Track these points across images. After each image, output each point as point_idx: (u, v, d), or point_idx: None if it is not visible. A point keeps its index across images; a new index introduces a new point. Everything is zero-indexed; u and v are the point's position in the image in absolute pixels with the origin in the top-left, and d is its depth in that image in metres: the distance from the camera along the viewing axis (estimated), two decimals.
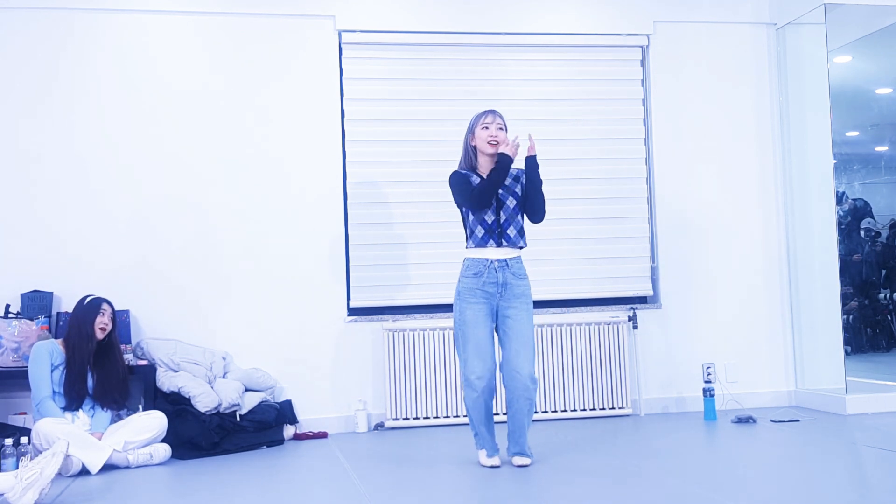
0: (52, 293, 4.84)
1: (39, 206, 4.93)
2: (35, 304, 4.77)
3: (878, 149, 7.11)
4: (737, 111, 5.71)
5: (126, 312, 4.89)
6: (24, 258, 4.88)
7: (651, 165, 5.62)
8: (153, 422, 4.35)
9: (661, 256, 5.58)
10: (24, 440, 4.03)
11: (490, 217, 3.87)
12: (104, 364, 4.40)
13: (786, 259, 5.69)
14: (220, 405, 4.56)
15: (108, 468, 4.12)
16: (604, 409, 5.31)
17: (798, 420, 4.98)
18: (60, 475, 3.88)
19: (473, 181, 3.90)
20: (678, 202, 5.60)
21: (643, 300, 5.61)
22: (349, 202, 5.29)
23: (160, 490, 3.72)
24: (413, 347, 5.18)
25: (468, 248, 3.93)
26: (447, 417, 5.16)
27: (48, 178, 4.95)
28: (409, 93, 5.37)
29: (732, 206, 5.66)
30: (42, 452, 3.65)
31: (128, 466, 4.19)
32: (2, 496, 3.39)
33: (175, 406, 4.56)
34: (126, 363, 4.57)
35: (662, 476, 3.60)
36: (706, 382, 5.27)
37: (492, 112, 3.95)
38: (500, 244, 3.86)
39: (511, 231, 3.89)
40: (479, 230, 3.88)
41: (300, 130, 5.24)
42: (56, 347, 4.35)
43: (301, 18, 5.27)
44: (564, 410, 5.27)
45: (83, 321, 4.35)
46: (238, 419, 4.60)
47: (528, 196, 3.94)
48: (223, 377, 4.86)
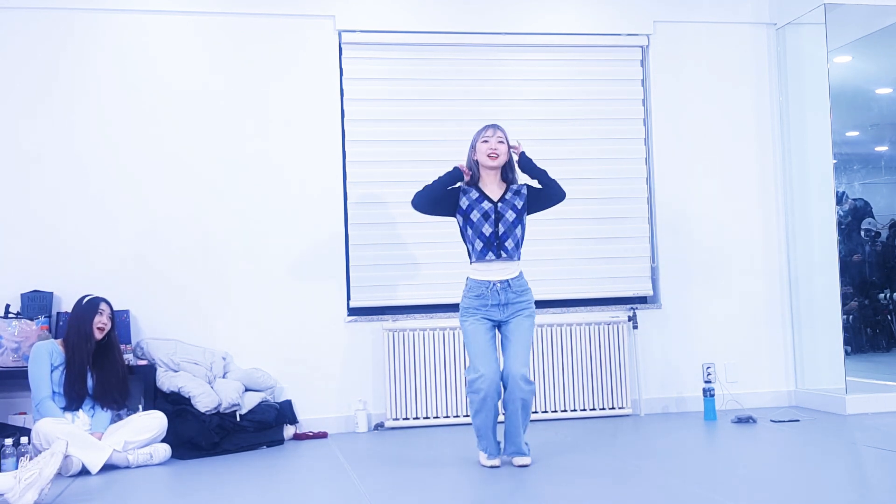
0: (52, 293, 4.84)
1: (39, 206, 4.93)
2: (35, 304, 4.77)
3: (878, 149, 7.11)
4: (737, 111, 5.71)
5: (126, 312, 4.89)
6: (24, 258, 4.88)
7: (651, 165, 5.62)
8: (153, 422, 4.35)
9: (661, 256, 5.58)
10: (24, 440, 4.03)
11: (488, 229, 3.89)
12: (104, 364, 4.40)
13: (786, 259, 5.69)
14: (220, 405, 4.56)
15: (108, 468, 4.12)
16: (604, 409, 5.31)
17: (798, 420, 4.98)
18: (60, 475, 3.89)
19: (467, 197, 3.96)
20: (678, 202, 5.60)
21: (643, 300, 5.61)
22: (349, 202, 5.29)
23: (160, 490, 3.72)
24: (413, 347, 5.18)
25: (471, 266, 3.97)
26: (447, 417, 5.16)
27: (48, 178, 4.95)
28: (409, 93, 5.37)
29: (732, 206, 5.66)
30: (42, 452, 3.65)
31: (128, 466, 4.19)
32: (1, 496, 3.39)
33: (175, 406, 4.56)
34: (126, 363, 4.58)
35: (662, 476, 3.60)
36: (706, 382, 5.27)
37: (492, 126, 3.99)
38: (499, 255, 3.88)
39: (509, 243, 3.91)
40: (479, 243, 3.91)
41: (300, 130, 5.24)
42: (56, 347, 4.35)
43: (301, 18, 5.27)
44: (564, 410, 5.27)
45: (82, 321, 4.36)
46: (238, 419, 4.60)
47: (539, 192, 4.05)
48: (223, 377, 4.86)
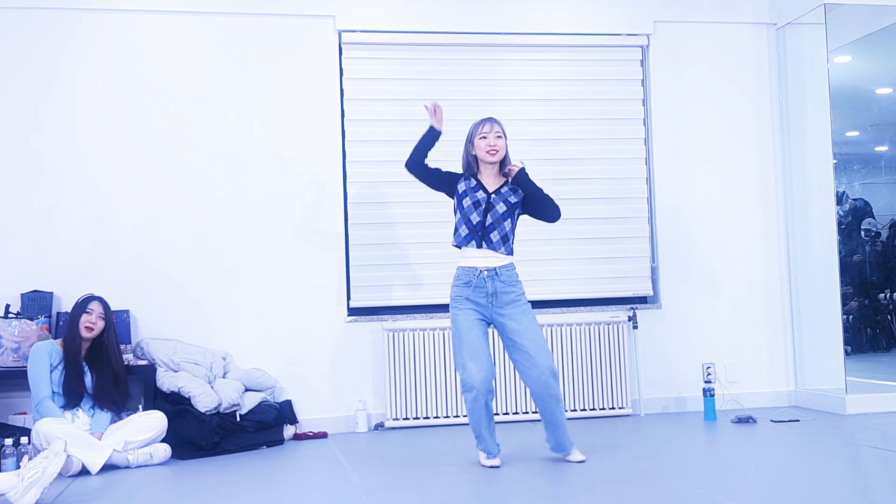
0: (52, 293, 4.84)
1: (39, 206, 4.93)
2: (35, 304, 4.77)
3: (878, 149, 7.11)
4: (737, 111, 5.71)
5: (126, 312, 4.89)
6: (24, 258, 4.88)
7: (651, 165, 5.62)
8: (153, 422, 4.34)
9: (661, 256, 5.58)
10: (24, 440, 4.03)
11: (476, 217, 3.89)
12: (100, 364, 4.40)
13: (786, 259, 5.69)
14: (220, 405, 4.56)
15: (108, 468, 4.12)
16: (604, 409, 5.31)
17: (798, 420, 4.98)
18: (61, 475, 3.88)
19: (466, 183, 3.98)
20: (678, 202, 5.60)
21: (643, 300, 5.61)
22: (349, 202, 5.29)
23: (160, 490, 3.72)
24: (413, 347, 5.18)
25: (459, 254, 3.97)
26: (447, 417, 5.16)
27: (48, 178, 4.95)
28: (409, 93, 5.37)
29: (732, 206, 5.66)
30: (44, 451, 3.65)
31: (128, 466, 4.19)
32: (3, 496, 3.39)
33: (175, 406, 4.55)
34: (126, 363, 4.57)
35: (662, 476, 3.60)
36: (706, 382, 5.26)
37: (489, 120, 3.96)
38: (481, 245, 3.87)
39: (494, 235, 3.88)
40: (464, 229, 3.91)
41: (300, 130, 5.24)
42: (55, 347, 4.35)
43: (301, 18, 5.27)
44: (565, 410, 5.26)
45: (72, 320, 4.37)
46: (238, 419, 4.60)
47: (532, 203, 4.00)
48: (223, 377, 4.86)
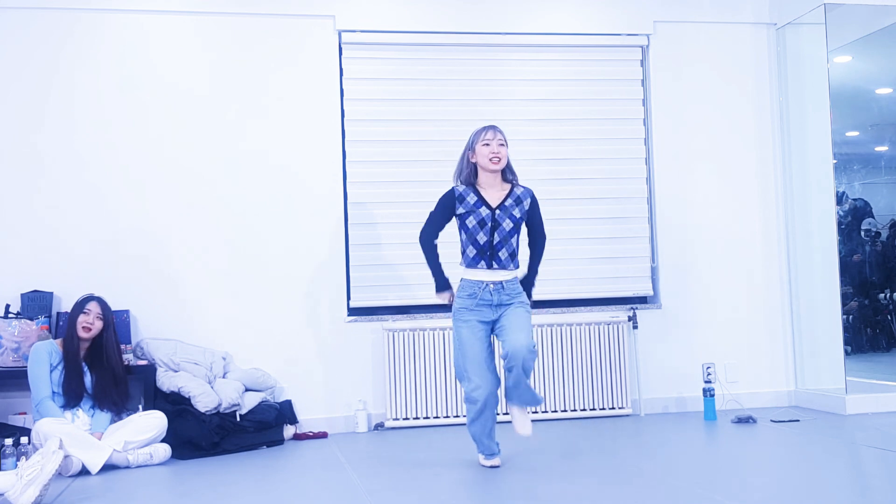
0: (52, 293, 4.84)
1: (39, 206, 4.93)
2: (35, 304, 4.77)
3: (878, 149, 7.11)
4: (737, 111, 5.71)
5: (126, 312, 4.89)
6: (24, 258, 4.88)
7: (651, 165, 5.62)
8: (153, 422, 4.34)
9: (661, 256, 5.58)
10: (24, 440, 4.03)
11: (483, 237, 3.80)
12: (99, 365, 4.40)
13: (786, 259, 5.69)
14: (220, 405, 4.56)
15: (108, 468, 4.12)
16: (604, 409, 5.31)
17: (798, 420, 4.98)
18: (60, 475, 3.89)
19: (465, 200, 3.85)
20: (678, 202, 5.60)
21: (643, 300, 5.61)
22: (349, 202, 5.29)
23: (160, 490, 3.72)
24: (413, 347, 5.18)
25: (462, 268, 3.89)
26: (447, 417, 5.16)
27: (48, 178, 4.95)
28: (409, 93, 5.37)
29: (732, 206, 5.66)
30: (40, 450, 3.65)
31: (128, 466, 4.19)
32: (2, 495, 3.39)
33: (175, 406, 4.55)
34: (126, 363, 4.57)
35: (662, 476, 3.60)
36: (706, 382, 5.26)
37: (492, 128, 3.87)
38: (491, 266, 3.79)
39: (503, 254, 3.81)
40: (471, 250, 3.83)
41: (300, 130, 5.24)
42: (55, 347, 4.35)
43: (301, 18, 5.27)
44: (564, 410, 5.27)
45: (71, 320, 4.37)
46: (238, 419, 4.60)
47: (531, 231, 4.01)
48: (223, 377, 4.86)
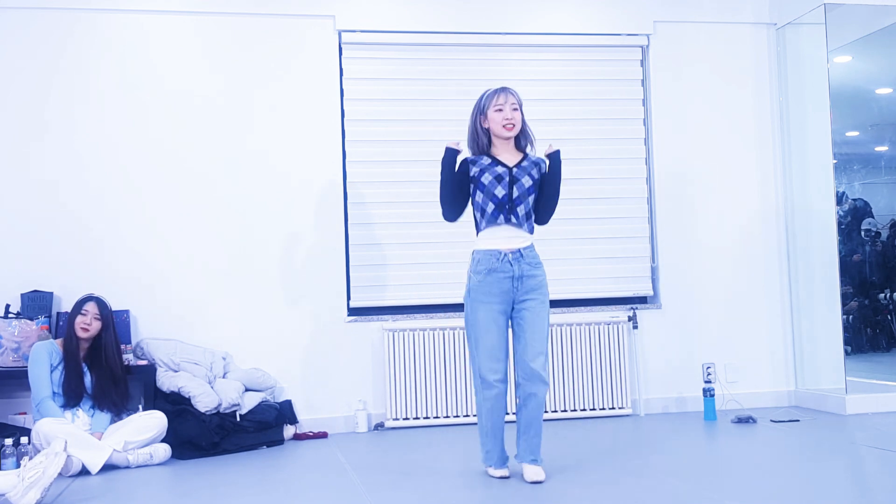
0: (52, 293, 4.84)
1: (39, 206, 4.93)
2: (35, 304, 4.76)
3: (878, 149, 7.11)
4: (737, 111, 5.71)
5: (126, 312, 4.89)
6: (24, 258, 4.88)
7: (651, 165, 5.61)
8: (153, 422, 4.34)
9: (661, 256, 5.58)
10: (24, 440, 4.03)
11: (501, 191, 3.55)
12: (99, 365, 4.39)
13: (786, 259, 5.69)
14: (220, 405, 4.56)
15: (108, 468, 4.12)
16: (604, 409, 5.31)
17: (798, 420, 4.98)
18: (61, 475, 3.88)
19: (478, 163, 3.63)
20: (678, 202, 5.60)
21: (643, 300, 5.60)
22: (349, 202, 5.29)
23: (160, 490, 3.72)
24: (413, 347, 5.18)
25: (479, 235, 3.62)
26: (447, 417, 5.16)
27: (48, 178, 4.95)
28: (409, 93, 5.37)
29: (732, 206, 5.66)
30: (43, 451, 3.65)
31: (128, 466, 4.19)
32: (3, 496, 3.39)
33: (175, 406, 4.55)
34: (126, 363, 4.57)
35: (662, 476, 3.60)
36: (706, 382, 5.26)
37: (504, 90, 3.62)
38: (509, 220, 3.55)
39: (521, 209, 3.57)
40: (490, 206, 3.55)
41: (300, 130, 5.24)
42: (55, 348, 4.35)
43: (301, 18, 5.27)
44: (564, 410, 5.27)
45: (69, 321, 4.37)
46: (238, 419, 4.60)
47: (546, 191, 3.69)
48: (223, 377, 4.86)
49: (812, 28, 5.45)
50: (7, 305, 4.75)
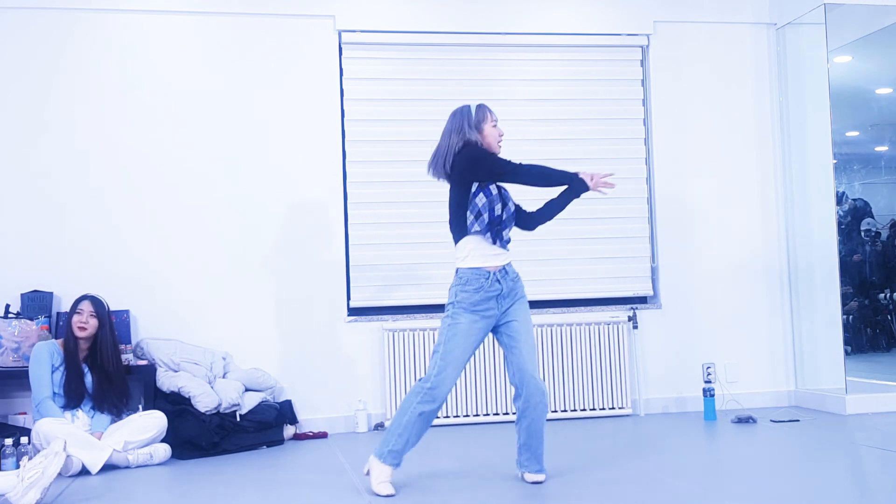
0: (52, 293, 4.84)
1: (39, 206, 4.93)
2: (35, 304, 4.77)
3: (878, 149, 7.10)
4: (737, 111, 5.71)
5: (126, 312, 4.89)
6: (24, 258, 4.88)
7: (651, 165, 5.62)
8: (153, 422, 4.34)
9: (661, 256, 5.58)
10: (24, 440, 4.03)
11: (498, 209, 3.47)
12: (98, 365, 4.39)
13: (786, 259, 5.69)
14: (220, 405, 4.56)
15: (108, 468, 4.12)
16: (604, 409, 5.31)
17: (798, 420, 4.98)
18: (60, 475, 3.88)
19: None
20: (678, 202, 5.61)
21: (643, 300, 5.61)
22: (349, 202, 5.29)
23: (160, 490, 3.72)
24: (413, 347, 5.18)
25: (467, 250, 3.52)
26: (447, 417, 5.16)
27: (48, 178, 4.95)
28: (409, 93, 5.37)
29: (732, 206, 5.66)
30: (43, 451, 3.65)
31: (128, 466, 4.19)
32: (3, 496, 3.39)
33: (175, 406, 4.55)
34: (126, 363, 4.57)
35: (662, 476, 3.60)
36: (706, 382, 5.27)
37: (487, 106, 3.66)
38: (495, 242, 3.49)
39: (506, 234, 3.54)
40: (485, 217, 3.45)
41: (300, 130, 5.24)
42: (56, 348, 4.35)
43: (301, 18, 5.27)
44: (564, 410, 5.27)
45: (67, 322, 4.37)
46: (238, 419, 4.60)
47: (548, 210, 3.68)
48: (223, 377, 4.86)
49: (812, 28, 5.45)
50: (7, 305, 4.75)
